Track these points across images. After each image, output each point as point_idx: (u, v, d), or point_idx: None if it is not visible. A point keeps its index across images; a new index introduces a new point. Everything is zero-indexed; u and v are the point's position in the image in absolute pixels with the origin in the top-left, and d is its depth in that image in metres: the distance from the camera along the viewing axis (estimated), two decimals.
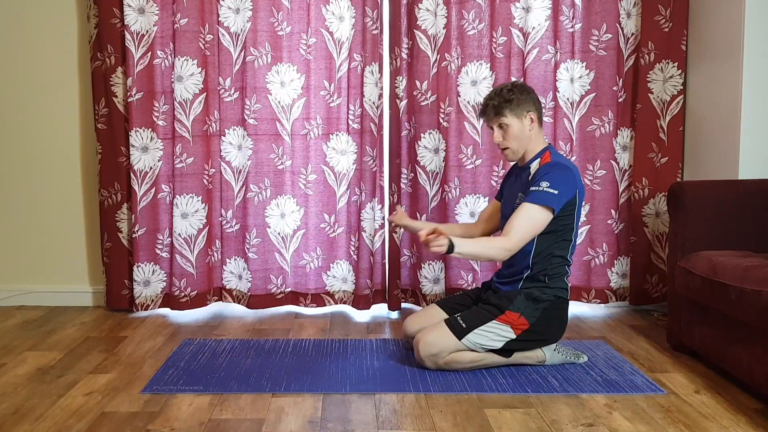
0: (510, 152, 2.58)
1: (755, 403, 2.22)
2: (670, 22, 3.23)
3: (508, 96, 2.51)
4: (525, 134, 2.53)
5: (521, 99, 2.52)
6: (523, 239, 2.41)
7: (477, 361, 2.48)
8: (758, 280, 2.11)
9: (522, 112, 2.52)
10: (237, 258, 3.35)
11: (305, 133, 3.30)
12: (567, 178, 2.45)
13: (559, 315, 2.55)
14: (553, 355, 2.56)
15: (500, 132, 2.55)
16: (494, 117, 2.53)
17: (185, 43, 3.21)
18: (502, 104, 2.50)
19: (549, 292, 2.50)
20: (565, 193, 2.44)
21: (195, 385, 2.37)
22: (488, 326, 2.45)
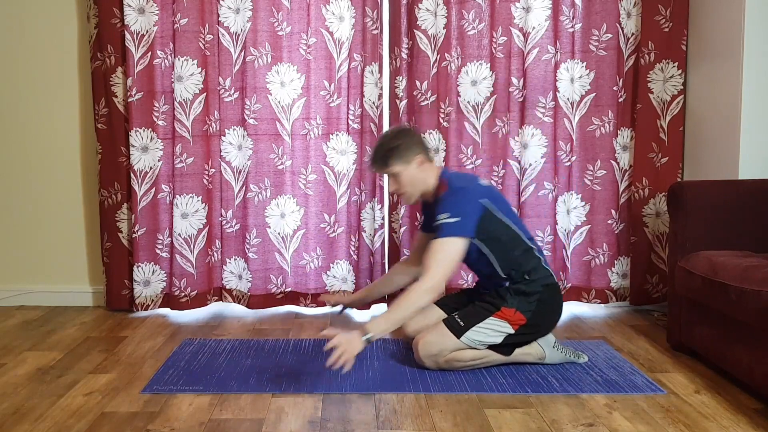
0: (407, 197, 2.58)
1: (755, 403, 2.22)
2: (670, 22, 3.23)
3: (391, 144, 2.50)
4: (417, 178, 2.53)
5: (405, 145, 2.50)
6: (445, 274, 2.37)
7: (478, 360, 2.48)
8: (758, 280, 2.11)
9: (408, 159, 2.50)
10: (237, 258, 3.35)
11: (305, 133, 3.30)
12: (464, 199, 2.43)
13: (553, 302, 2.55)
14: (552, 352, 2.56)
15: (392, 180, 2.55)
16: (384, 169, 2.54)
17: (185, 43, 3.21)
18: (387, 156, 2.50)
19: (534, 284, 2.50)
20: (469, 214, 2.42)
21: (195, 385, 2.37)
22: (486, 323, 2.45)
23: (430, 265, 2.36)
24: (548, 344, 2.57)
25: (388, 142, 2.53)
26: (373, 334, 2.25)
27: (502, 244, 2.50)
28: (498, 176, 3.30)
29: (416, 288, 2.33)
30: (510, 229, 2.51)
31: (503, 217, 2.50)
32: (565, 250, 3.33)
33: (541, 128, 3.28)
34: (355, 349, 2.21)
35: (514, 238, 2.51)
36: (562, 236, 3.32)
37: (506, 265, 2.51)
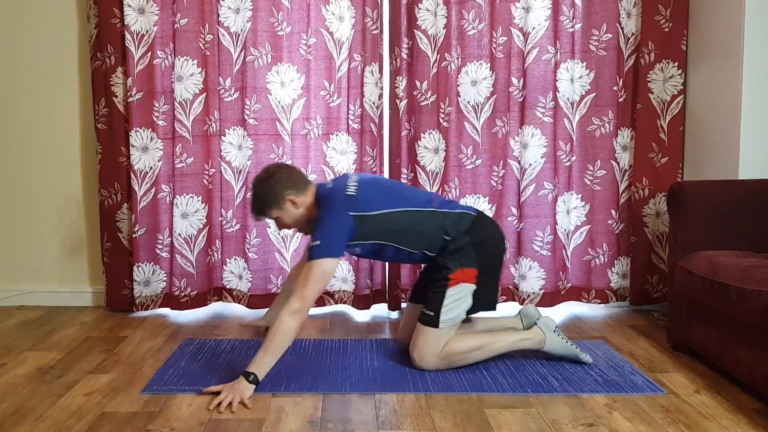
0: (297, 229, 2.61)
1: (755, 403, 2.22)
2: (670, 22, 3.23)
3: (261, 195, 2.51)
4: (295, 214, 2.53)
5: (273, 192, 2.50)
6: (311, 296, 2.33)
7: (476, 349, 2.48)
8: (758, 280, 2.11)
9: (280, 203, 2.50)
10: (237, 258, 3.35)
11: (305, 133, 3.30)
12: (328, 221, 2.41)
13: (485, 234, 2.52)
14: (553, 337, 2.54)
15: (275, 223, 2.58)
16: (263, 217, 2.57)
17: (185, 43, 3.21)
18: (262, 207, 2.52)
19: (459, 237, 2.48)
20: (332, 234, 2.39)
21: (195, 385, 2.37)
22: (448, 298, 2.45)
23: (297, 288, 2.34)
24: (548, 328, 2.55)
25: (258, 193, 2.52)
26: (257, 373, 2.26)
27: (396, 232, 2.47)
28: (498, 176, 3.30)
29: (283, 315, 2.29)
30: (398, 214, 2.47)
31: (379, 211, 2.45)
32: (565, 250, 3.33)
33: (541, 128, 3.28)
34: (244, 392, 2.23)
35: (407, 217, 2.47)
36: (562, 236, 3.32)
37: (417, 244, 2.50)
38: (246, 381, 2.25)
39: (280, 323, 2.28)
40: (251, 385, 2.25)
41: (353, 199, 2.46)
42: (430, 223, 2.49)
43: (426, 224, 2.49)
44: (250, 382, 2.25)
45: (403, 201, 2.51)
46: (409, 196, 2.55)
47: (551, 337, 2.55)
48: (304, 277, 2.35)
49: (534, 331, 2.56)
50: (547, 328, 2.56)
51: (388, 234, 2.48)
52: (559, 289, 3.35)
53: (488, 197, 3.31)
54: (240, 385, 2.25)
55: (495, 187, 3.30)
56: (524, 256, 3.32)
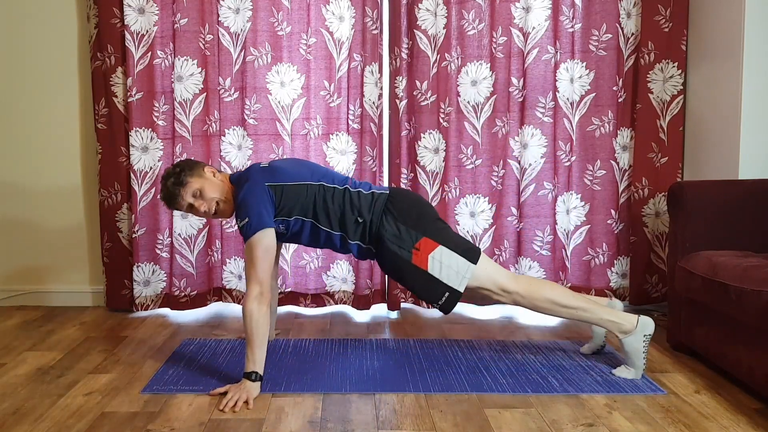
0: (224, 209, 2.50)
1: (755, 403, 2.22)
2: (670, 22, 3.23)
3: (176, 170, 2.47)
4: (217, 184, 2.48)
5: (190, 165, 2.49)
6: (261, 275, 2.30)
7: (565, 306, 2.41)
8: (758, 280, 2.11)
9: (199, 172, 2.48)
10: (237, 258, 3.35)
11: (305, 133, 3.30)
12: (246, 198, 2.37)
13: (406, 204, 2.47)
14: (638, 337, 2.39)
15: (200, 200, 2.46)
16: (182, 190, 2.43)
17: (185, 43, 3.21)
18: (179, 177, 2.44)
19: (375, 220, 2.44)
20: (254, 208, 2.35)
21: (195, 385, 2.37)
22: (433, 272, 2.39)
23: (247, 273, 2.32)
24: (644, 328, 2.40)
25: (172, 171, 2.48)
26: (256, 370, 2.26)
27: (314, 205, 2.45)
28: (498, 176, 3.30)
29: (248, 305, 2.27)
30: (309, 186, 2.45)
31: (297, 181, 2.44)
32: (564, 250, 3.33)
33: (541, 128, 3.28)
34: (251, 392, 2.23)
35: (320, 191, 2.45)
36: (561, 236, 3.32)
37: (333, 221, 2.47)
38: (249, 381, 2.25)
39: (249, 315, 2.26)
40: (256, 383, 2.26)
41: (267, 170, 2.46)
42: (344, 201, 2.46)
43: (338, 201, 2.46)
44: (253, 381, 2.26)
45: (317, 176, 2.49)
46: (324, 173, 2.52)
47: (637, 336, 2.40)
48: (249, 260, 2.33)
49: (631, 318, 2.42)
50: (643, 327, 2.41)
51: (305, 208, 2.45)
52: None
53: (488, 197, 3.31)
54: (245, 385, 2.25)
55: (495, 187, 3.30)
56: (524, 256, 3.32)
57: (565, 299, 2.43)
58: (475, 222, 3.32)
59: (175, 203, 2.48)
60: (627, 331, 2.42)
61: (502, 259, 3.32)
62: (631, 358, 2.42)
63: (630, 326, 2.42)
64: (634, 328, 2.41)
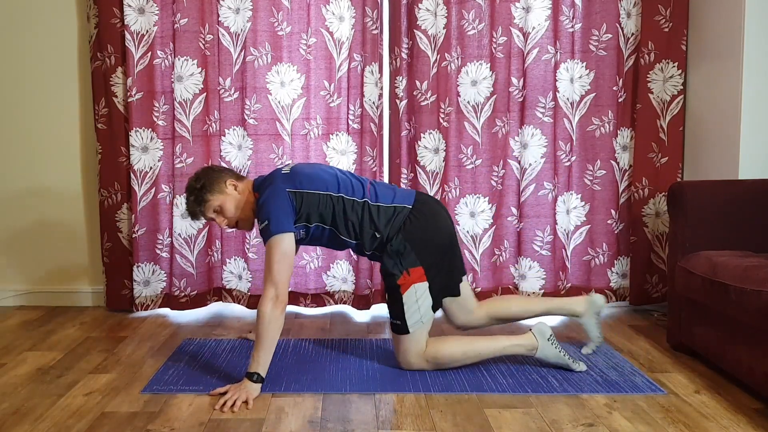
0: (243, 223, 2.54)
1: (755, 403, 2.22)
2: (670, 22, 3.23)
3: (198, 185, 2.48)
4: (238, 198, 2.51)
5: (211, 179, 2.50)
6: (280, 278, 2.32)
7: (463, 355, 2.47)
8: (758, 280, 2.11)
9: (221, 188, 2.49)
10: (237, 258, 3.35)
11: (305, 133, 3.30)
12: (268, 201, 2.39)
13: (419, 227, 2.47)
14: (546, 345, 2.49)
15: (220, 217, 2.50)
16: (203, 208, 2.48)
17: (185, 43, 3.21)
18: (199, 195, 2.47)
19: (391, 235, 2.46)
20: (276, 212, 2.37)
21: (195, 385, 2.37)
22: (406, 303, 2.42)
23: (265, 276, 2.33)
24: (542, 335, 2.50)
25: (194, 185, 2.50)
26: (259, 372, 2.27)
27: (333, 216, 2.46)
28: (498, 176, 3.30)
29: (263, 307, 2.29)
30: (330, 198, 2.46)
31: (318, 190, 2.45)
32: (564, 250, 3.33)
33: (541, 128, 3.28)
34: (251, 392, 2.24)
35: (339, 203, 2.46)
36: (561, 236, 3.32)
37: (351, 232, 2.49)
38: (250, 382, 2.26)
39: (262, 316, 2.27)
40: (257, 384, 2.26)
41: (288, 176, 2.47)
42: (363, 215, 2.47)
43: (357, 215, 2.47)
44: (255, 382, 2.26)
45: (338, 186, 2.49)
46: (345, 183, 2.52)
47: (544, 345, 2.49)
48: (267, 262, 2.33)
49: (527, 337, 2.51)
50: (541, 335, 2.50)
51: (324, 216, 2.46)
52: (559, 288, 3.35)
53: (488, 197, 3.31)
54: (246, 385, 2.25)
55: (495, 187, 3.30)
56: (524, 256, 3.33)
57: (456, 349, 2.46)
58: (475, 222, 3.32)
59: (197, 218, 2.55)
60: (535, 347, 2.49)
61: (502, 259, 3.33)
62: (556, 363, 2.50)
63: (532, 341, 2.49)
64: (536, 341, 2.49)
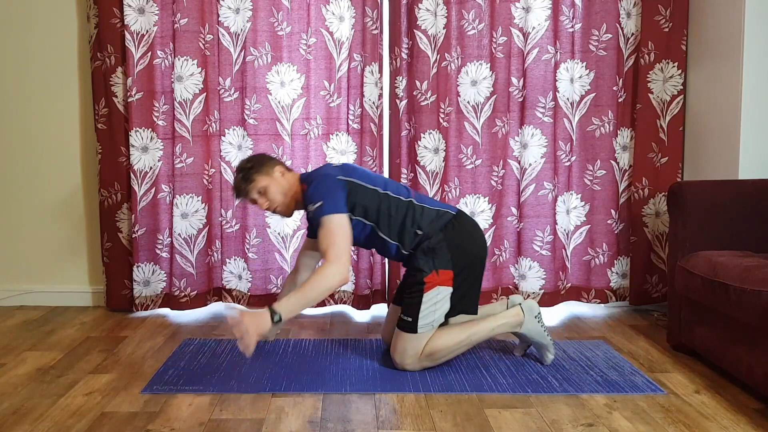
0: (283, 208, 2.58)
1: (755, 403, 2.22)
2: (670, 22, 3.23)
3: (248, 165, 2.55)
4: (284, 186, 2.56)
5: (260, 161, 2.57)
6: (344, 250, 2.34)
7: (458, 344, 2.47)
8: (758, 280, 2.11)
9: (269, 171, 2.55)
10: (237, 258, 3.35)
11: (305, 133, 3.30)
12: (323, 184, 2.44)
13: (460, 234, 2.50)
14: (532, 321, 2.52)
15: (263, 198, 2.56)
16: (249, 186, 2.54)
17: (185, 43, 3.21)
18: (249, 174, 2.54)
19: (432, 233, 2.48)
20: (331, 193, 2.41)
21: (195, 385, 2.37)
22: (425, 303, 2.43)
23: (326, 250, 2.34)
24: (531, 311, 2.53)
25: (244, 165, 2.58)
26: (281, 315, 2.28)
27: (377, 212, 2.48)
28: (498, 176, 3.30)
29: (323, 270, 2.31)
30: (378, 193, 2.50)
31: (367, 184, 2.50)
32: (564, 250, 3.33)
33: (541, 128, 3.28)
34: (262, 326, 2.24)
35: (385, 199, 2.49)
36: (561, 236, 3.32)
37: (392, 231, 2.50)
38: (268, 315, 2.26)
39: (320, 273, 2.30)
40: (272, 323, 2.26)
41: (339, 167, 2.53)
42: (407, 213, 2.50)
43: (401, 213, 2.50)
44: (272, 318, 2.26)
45: (384, 185, 2.54)
46: (390, 183, 2.57)
47: (530, 320, 2.52)
48: (324, 238, 2.35)
49: (514, 311, 2.53)
50: (529, 311, 2.53)
51: (369, 211, 2.49)
52: (559, 288, 3.35)
53: (488, 197, 3.31)
54: (261, 317, 2.25)
55: (495, 187, 3.30)
56: (524, 256, 3.33)
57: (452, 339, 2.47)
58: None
59: (242, 196, 2.59)
60: (521, 322, 2.53)
61: (502, 259, 3.33)
62: (538, 340, 2.54)
63: (519, 317, 2.53)
64: (523, 316, 2.52)
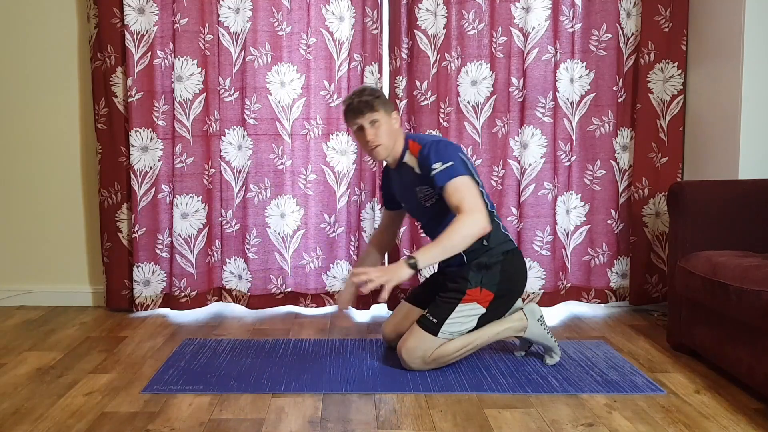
0: (382, 149, 2.54)
1: (755, 403, 2.22)
2: (670, 22, 3.23)
3: (375, 93, 2.53)
4: (393, 132, 2.55)
5: (388, 101, 2.58)
6: (480, 205, 2.37)
7: (462, 349, 2.48)
8: (758, 280, 2.11)
9: (389, 109, 2.55)
10: (237, 258, 3.35)
11: (305, 133, 3.30)
12: (448, 149, 2.46)
13: (515, 267, 2.54)
14: (535, 325, 2.54)
15: (372, 129, 2.50)
16: (368, 112, 2.49)
17: (185, 43, 3.21)
18: (374, 99, 2.50)
19: (494, 251, 2.49)
20: (458, 157, 2.44)
21: (195, 385, 2.37)
22: (457, 311, 2.44)
23: (460, 203, 2.35)
24: (533, 315, 2.55)
25: (372, 92, 2.53)
26: (418, 261, 2.29)
27: None
28: (498, 176, 3.30)
29: (462, 218, 2.32)
30: (480, 188, 2.50)
31: (476, 175, 2.51)
32: (564, 250, 3.33)
33: (541, 128, 3.28)
34: (401, 274, 2.28)
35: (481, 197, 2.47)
36: (561, 236, 3.32)
37: None
38: (407, 264, 2.28)
39: (459, 219, 2.31)
40: (409, 270, 2.28)
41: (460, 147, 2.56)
42: None
43: None
44: (410, 267, 2.28)
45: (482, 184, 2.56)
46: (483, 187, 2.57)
47: (533, 324, 2.54)
48: (454, 194, 2.36)
49: (517, 315, 2.55)
50: (531, 315, 2.55)
51: None
52: (559, 288, 3.35)
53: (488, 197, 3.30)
54: (398, 268, 2.28)
55: (495, 187, 3.30)
56: (524, 256, 3.32)
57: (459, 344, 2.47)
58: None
59: (352, 117, 2.53)
60: (525, 327, 2.54)
61: None
62: (543, 343, 2.56)
63: (523, 322, 2.54)
64: (526, 320, 2.54)
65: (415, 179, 2.53)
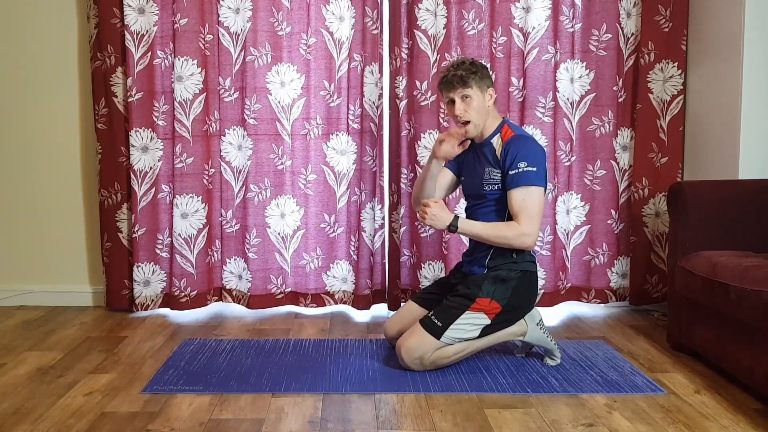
0: (472, 126, 2.53)
1: (755, 403, 2.22)
2: (670, 22, 3.23)
3: (472, 68, 2.51)
4: (485, 110, 2.54)
5: (484, 73, 2.54)
6: (538, 225, 2.44)
7: (461, 353, 2.48)
8: (758, 280, 2.11)
9: (484, 86, 2.53)
10: (237, 258, 3.35)
11: (305, 133, 3.30)
12: (538, 151, 2.48)
13: (528, 288, 2.54)
14: (535, 329, 2.55)
15: (462, 104, 2.50)
16: (460, 87, 2.49)
17: (185, 43, 3.21)
18: (468, 75, 2.49)
19: (516, 267, 2.49)
20: (543, 166, 2.46)
21: (195, 385, 2.37)
22: (463, 318, 2.44)
23: (519, 213, 2.40)
24: (532, 319, 2.56)
25: (470, 66, 2.52)
26: (459, 224, 2.45)
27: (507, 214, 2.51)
28: None
29: (516, 226, 2.40)
30: None
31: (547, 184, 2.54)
32: (564, 250, 3.33)
33: (541, 128, 3.28)
34: (442, 222, 2.44)
35: None
36: (561, 236, 3.32)
37: None
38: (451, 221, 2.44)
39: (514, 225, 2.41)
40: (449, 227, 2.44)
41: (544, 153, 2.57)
42: None
43: None
44: (451, 223, 2.44)
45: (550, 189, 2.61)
46: None
47: (533, 328, 2.55)
48: (521, 202, 2.40)
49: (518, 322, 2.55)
50: (531, 319, 2.56)
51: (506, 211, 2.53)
52: (559, 288, 3.35)
53: None
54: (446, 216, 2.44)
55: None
56: None
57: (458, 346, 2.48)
58: None
59: (445, 90, 2.53)
60: (524, 332, 2.56)
61: None
62: (542, 346, 2.58)
63: (522, 326, 2.55)
64: (526, 325, 2.55)
65: (493, 161, 2.52)
